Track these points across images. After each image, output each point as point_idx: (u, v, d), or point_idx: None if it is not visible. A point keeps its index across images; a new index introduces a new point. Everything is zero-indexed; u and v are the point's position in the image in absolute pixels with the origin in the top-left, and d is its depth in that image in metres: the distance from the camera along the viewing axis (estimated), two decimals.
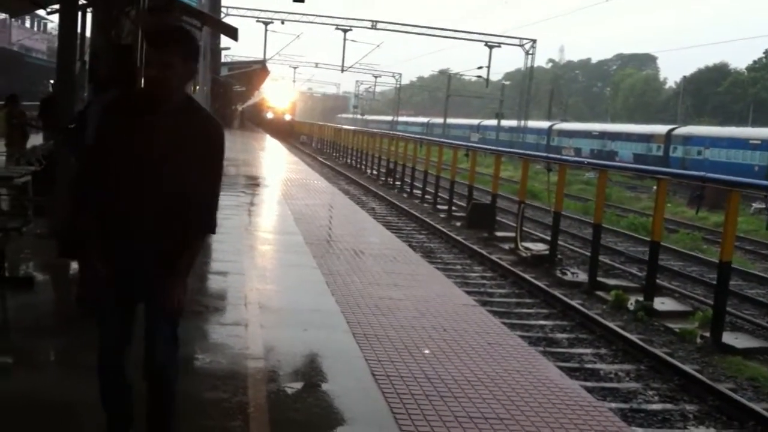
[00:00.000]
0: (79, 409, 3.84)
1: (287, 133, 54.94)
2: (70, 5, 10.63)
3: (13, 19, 54.70)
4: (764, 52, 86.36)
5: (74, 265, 6.48)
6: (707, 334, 8.48)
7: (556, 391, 4.93)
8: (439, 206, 19.44)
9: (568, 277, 11.44)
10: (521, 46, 55.02)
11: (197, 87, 24.30)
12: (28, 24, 64.93)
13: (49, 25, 64.07)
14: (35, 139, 14.13)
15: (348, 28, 53.48)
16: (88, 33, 12.06)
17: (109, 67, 7.52)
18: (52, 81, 14.84)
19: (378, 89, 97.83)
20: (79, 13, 11.37)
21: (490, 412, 4.42)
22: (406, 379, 4.88)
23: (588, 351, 7.99)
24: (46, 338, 5.30)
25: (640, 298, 9.82)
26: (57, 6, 12.04)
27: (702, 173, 11.91)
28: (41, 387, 4.32)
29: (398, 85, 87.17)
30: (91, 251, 3.10)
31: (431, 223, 16.36)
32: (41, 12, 18.65)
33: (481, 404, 4.54)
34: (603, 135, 46.74)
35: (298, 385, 4.68)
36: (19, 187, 9.47)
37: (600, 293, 10.45)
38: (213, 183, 3.12)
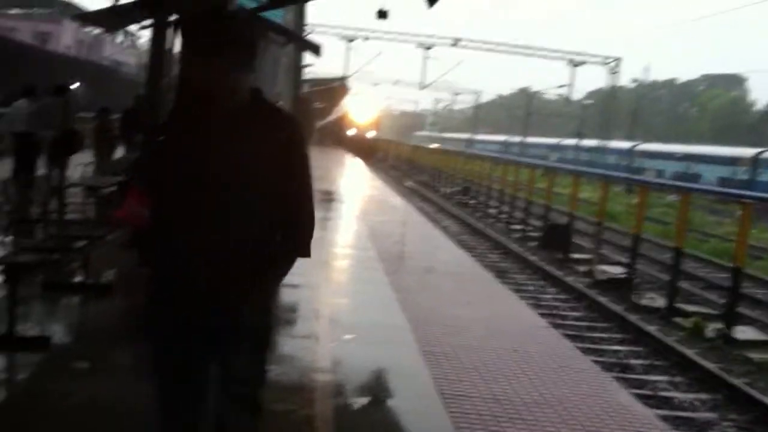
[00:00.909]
0: (145, 417, 3.94)
1: (370, 151, 50.51)
2: (161, 22, 11.05)
3: (106, 35, 57.01)
4: None
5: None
6: None
7: (629, 418, 4.82)
8: (513, 226, 19.28)
9: (645, 302, 11.16)
10: (606, 64, 54.22)
11: (280, 103, 24.81)
12: (119, 39, 67.46)
13: (138, 41, 66.40)
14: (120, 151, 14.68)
15: (429, 45, 53.68)
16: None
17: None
18: (136, 95, 15.40)
19: (457, 107, 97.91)
20: (169, 30, 11.78)
21: None
22: (473, 399, 4.85)
23: (663, 378, 7.78)
24: (120, 344, 5.48)
25: (720, 326, 9.51)
26: (149, 22, 12.54)
27: None
28: (111, 392, 4.46)
29: (477, 103, 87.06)
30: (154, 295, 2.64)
31: (505, 243, 16.23)
32: (132, 28, 19.45)
33: (550, 428, 4.48)
34: (687, 157, 45.54)
35: (365, 401, 4.71)
36: (105, 196, 9.86)
37: (678, 319, 10.16)
38: (301, 194, 2.58)
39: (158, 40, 11.34)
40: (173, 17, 10.80)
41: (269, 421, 4.09)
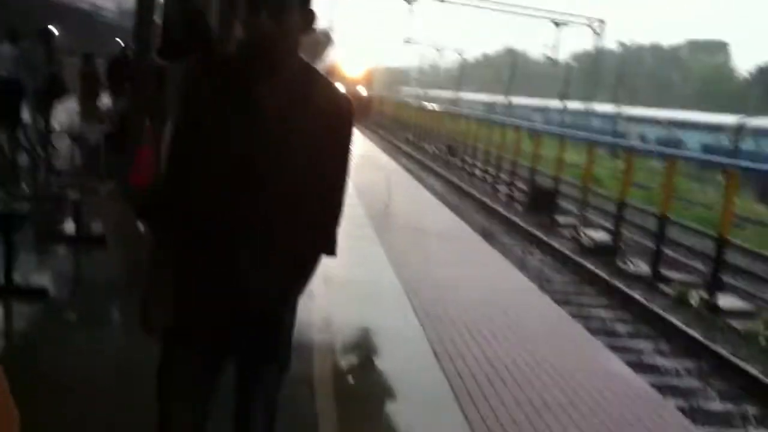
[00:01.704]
0: (136, 371, 3.89)
1: (362, 110, 49.46)
2: None
3: None
4: None
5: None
6: None
7: (620, 384, 4.90)
8: (499, 188, 19.32)
9: (630, 268, 11.27)
10: (589, 25, 53.96)
11: None
12: None
13: None
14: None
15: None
16: None
17: (182, 33, 7.60)
18: (120, 41, 15.12)
19: (442, 65, 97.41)
20: None
21: (551, 399, 4.41)
22: (467, 359, 4.90)
23: (647, 345, 7.89)
24: (114, 296, 5.46)
25: (704, 294, 9.64)
26: None
27: None
28: (107, 342, 4.47)
29: (462, 61, 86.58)
30: (162, 283, 2.13)
31: (491, 204, 16.27)
32: None
33: (542, 390, 4.54)
34: (670, 123, 45.68)
35: (361, 359, 4.75)
36: (92, 146, 9.73)
37: (662, 286, 10.28)
38: (337, 183, 2.17)
39: None
40: None
41: None
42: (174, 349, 2.16)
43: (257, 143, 2.02)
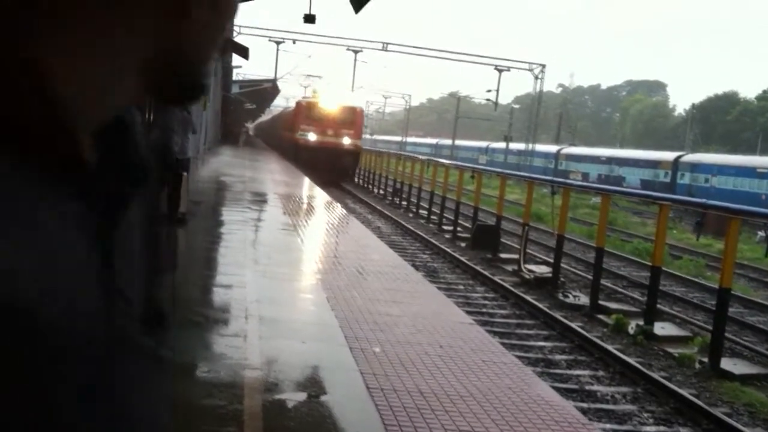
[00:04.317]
0: None
1: (348, 173, 33.01)
2: None
3: None
4: None
5: None
6: (706, 360, 8.51)
7: (547, 409, 4.99)
8: (444, 227, 19.54)
9: (570, 299, 11.48)
10: (531, 70, 55.35)
11: (208, 103, 24.44)
12: None
13: None
14: None
15: (359, 49, 53.87)
16: None
17: None
18: None
19: (388, 110, 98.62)
20: None
21: (480, 426, 4.49)
22: (399, 392, 4.95)
23: (586, 373, 8.03)
24: None
25: (641, 323, 9.86)
26: None
27: (703, 200, 11.98)
28: None
29: (408, 106, 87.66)
30: None
31: (436, 243, 16.44)
32: None
33: (471, 418, 4.61)
34: (610, 160, 46.88)
35: (293, 395, 4.76)
36: None
37: (601, 316, 10.49)
38: None
39: None
40: None
41: (196, 417, 4.14)
42: None
43: None
